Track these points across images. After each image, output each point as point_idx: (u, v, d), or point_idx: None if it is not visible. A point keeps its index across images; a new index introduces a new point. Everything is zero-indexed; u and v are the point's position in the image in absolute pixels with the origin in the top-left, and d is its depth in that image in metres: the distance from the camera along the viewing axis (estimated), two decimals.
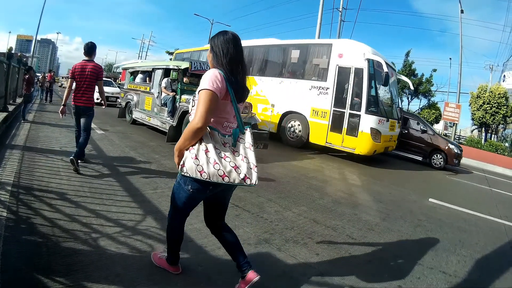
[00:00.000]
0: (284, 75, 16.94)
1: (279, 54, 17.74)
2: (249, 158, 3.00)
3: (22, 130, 10.76)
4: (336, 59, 14.40)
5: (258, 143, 10.91)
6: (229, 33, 3.09)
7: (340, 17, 32.01)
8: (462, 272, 4.87)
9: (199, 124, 2.80)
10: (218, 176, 2.85)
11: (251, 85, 16.95)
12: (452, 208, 8.70)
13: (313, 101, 15.05)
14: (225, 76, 2.94)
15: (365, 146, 13.19)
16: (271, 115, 16.95)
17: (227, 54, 3.01)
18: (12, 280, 3.20)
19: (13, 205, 4.79)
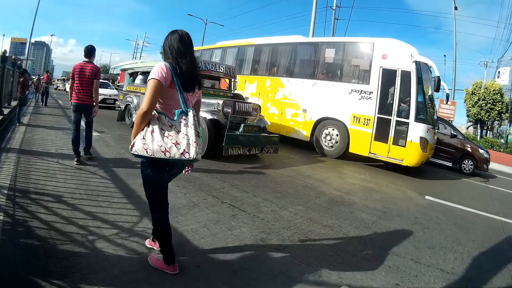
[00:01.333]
0: (317, 76, 15.24)
1: (310, 53, 16.07)
2: (189, 135, 3.31)
3: (18, 133, 10.73)
4: (379, 60, 12.88)
5: (268, 147, 10.90)
6: (177, 32, 3.52)
7: (334, 15, 32.05)
8: (460, 270, 4.89)
9: (145, 108, 3.19)
10: (160, 152, 3.23)
11: (277, 87, 16.53)
12: (448, 205, 8.74)
13: (354, 107, 13.44)
14: (171, 68, 3.35)
15: (414, 157, 11.96)
16: (302, 122, 15.38)
17: (173, 49, 3.44)
18: (10, 283, 3.20)
19: (9, 208, 4.78)
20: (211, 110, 10.27)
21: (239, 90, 17.16)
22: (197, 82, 3.61)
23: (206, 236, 4.70)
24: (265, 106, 16.42)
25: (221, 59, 20.04)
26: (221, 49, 21.04)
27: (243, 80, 18.07)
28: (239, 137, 10.07)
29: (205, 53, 22.13)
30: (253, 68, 18.54)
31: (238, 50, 19.66)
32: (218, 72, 12.72)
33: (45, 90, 24.24)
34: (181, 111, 3.38)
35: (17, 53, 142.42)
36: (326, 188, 8.63)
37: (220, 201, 6.45)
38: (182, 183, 7.13)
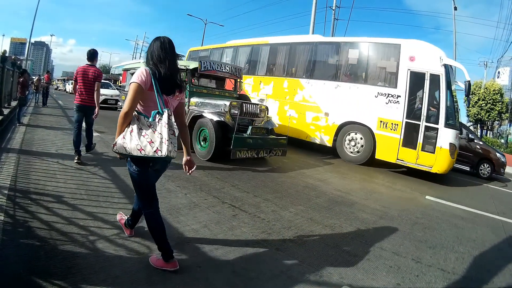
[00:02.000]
0: (340, 78, 14.44)
1: (332, 53, 15.21)
2: (162, 134, 3.47)
3: (18, 133, 10.72)
4: (406, 62, 12.32)
5: (276, 149, 10.69)
6: (159, 39, 3.76)
7: (334, 16, 32.00)
8: (461, 269, 4.89)
9: (126, 110, 3.45)
10: (136, 150, 3.44)
11: (296, 88, 15.83)
12: (448, 205, 8.72)
13: (380, 111, 12.78)
14: (151, 72, 3.57)
15: (443, 163, 11.48)
16: (324, 126, 14.54)
17: (154, 55, 3.68)
18: (10, 284, 3.20)
19: (10, 208, 4.77)
20: (217, 112, 10.00)
21: (254, 92, 17.43)
22: (177, 86, 3.79)
23: (207, 236, 4.71)
24: (282, 108, 16.16)
25: (232, 59, 19.67)
26: (232, 48, 20.36)
27: (257, 81, 17.65)
28: (247, 140, 9.81)
29: (215, 53, 21.51)
30: (269, 68, 17.78)
31: (252, 49, 18.93)
32: (224, 72, 12.24)
33: (45, 91, 24.08)
34: (156, 112, 3.54)
35: (16, 53, 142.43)
36: (327, 188, 8.63)
37: (221, 201, 6.45)
38: (182, 183, 7.16)
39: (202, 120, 10.22)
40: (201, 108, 10.47)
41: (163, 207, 5.37)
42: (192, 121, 10.50)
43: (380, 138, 12.75)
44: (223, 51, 20.77)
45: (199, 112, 10.34)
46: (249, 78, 18.02)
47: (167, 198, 6.14)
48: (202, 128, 10.26)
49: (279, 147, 10.81)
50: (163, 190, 6.54)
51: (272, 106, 15.86)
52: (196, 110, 10.55)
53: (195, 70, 11.33)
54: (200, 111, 10.37)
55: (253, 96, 17.04)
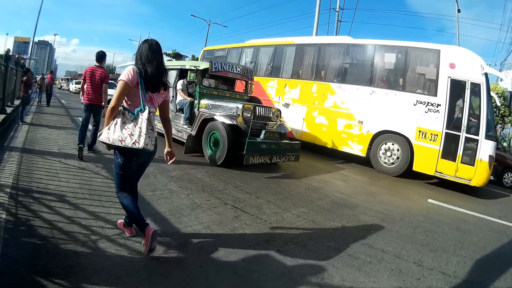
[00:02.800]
0: (375, 83, 13.39)
1: (366, 56, 13.98)
2: (142, 128, 3.84)
3: (21, 132, 10.79)
4: (446, 70, 11.61)
5: (289, 155, 10.22)
6: (148, 41, 4.16)
7: (337, 17, 31.83)
8: (462, 273, 4.88)
9: (113, 104, 3.86)
10: (118, 141, 3.86)
11: (326, 93, 14.59)
12: (450, 208, 8.71)
13: (419, 120, 11.98)
14: (138, 71, 3.93)
15: (482, 176, 10.94)
16: (357, 134, 13.48)
17: (143, 56, 4.03)
18: (12, 282, 3.20)
19: (12, 207, 4.79)
20: (229, 115, 9.63)
21: (278, 95, 16.56)
22: (162, 84, 4.18)
23: (209, 237, 4.71)
24: (310, 115, 15.10)
25: (253, 59, 18.52)
26: (253, 48, 18.92)
27: (282, 84, 16.51)
28: (261, 145, 9.30)
29: (233, 53, 20.03)
30: (295, 70, 16.47)
31: (275, 50, 17.53)
32: (235, 73, 11.95)
33: (49, 90, 23.90)
34: (139, 109, 3.93)
35: (20, 52, 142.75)
36: (329, 190, 8.64)
37: (223, 202, 6.46)
38: (185, 184, 7.18)
39: (213, 123, 9.85)
40: (212, 111, 10.19)
41: (165, 207, 5.46)
42: (202, 124, 10.22)
43: (418, 149, 11.98)
44: (242, 51, 19.40)
45: (210, 115, 9.97)
46: (272, 81, 17.04)
47: (169, 198, 6.17)
48: (213, 131, 9.90)
49: (293, 152, 10.34)
50: (166, 190, 6.59)
51: (298, 112, 15.48)
52: (206, 113, 10.17)
53: (206, 71, 11.05)
54: (211, 113, 10.02)
55: (276, 100, 16.51)
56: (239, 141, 9.42)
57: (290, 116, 15.40)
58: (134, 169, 4.38)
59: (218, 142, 9.67)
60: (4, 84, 13.24)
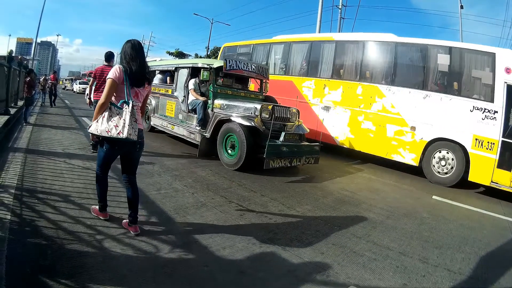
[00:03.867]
0: (429, 87, 12.15)
1: (417, 57, 12.74)
2: (125, 120, 4.21)
3: (25, 133, 10.81)
4: (502, 74, 10.68)
5: (309, 157, 9.84)
6: (130, 41, 4.57)
7: (340, 15, 31.76)
8: (467, 270, 4.88)
9: (103, 101, 4.27)
10: (105, 132, 4.23)
11: (374, 96, 13.09)
12: (455, 205, 8.73)
13: (476, 127, 11.00)
14: (123, 69, 4.36)
15: None
16: (410, 142, 12.18)
17: (127, 55, 4.45)
18: (17, 283, 3.22)
19: (17, 208, 4.81)
20: (247, 116, 9.17)
21: (316, 97, 14.90)
22: (146, 79, 4.63)
23: (214, 235, 4.72)
24: (355, 119, 13.52)
25: (284, 57, 16.88)
26: (283, 44, 17.05)
27: (320, 84, 14.84)
28: (282, 147, 8.90)
29: (259, 49, 18.27)
30: (336, 70, 14.74)
31: (311, 46, 15.78)
32: (250, 72, 11.48)
33: (53, 91, 23.85)
34: (124, 101, 4.31)
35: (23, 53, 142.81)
36: (334, 188, 8.64)
37: (228, 200, 6.47)
38: (190, 183, 7.21)
39: (230, 125, 9.43)
40: (227, 111, 9.74)
41: (170, 206, 5.49)
42: (217, 126, 9.85)
43: (474, 158, 10.99)
44: (271, 48, 17.61)
45: (226, 116, 9.57)
46: (308, 81, 15.37)
47: (174, 197, 6.20)
48: (230, 133, 9.46)
49: (312, 155, 9.96)
50: (171, 189, 6.63)
51: (341, 116, 13.98)
52: (222, 114, 9.77)
53: (220, 70, 10.62)
54: (227, 114, 9.60)
55: (314, 102, 14.94)
56: (257, 143, 9.03)
57: (331, 120, 14.29)
58: (117, 155, 4.76)
59: (235, 145, 9.27)
60: (7, 85, 13.29)
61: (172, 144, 11.72)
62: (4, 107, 12.68)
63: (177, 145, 11.74)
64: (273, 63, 17.28)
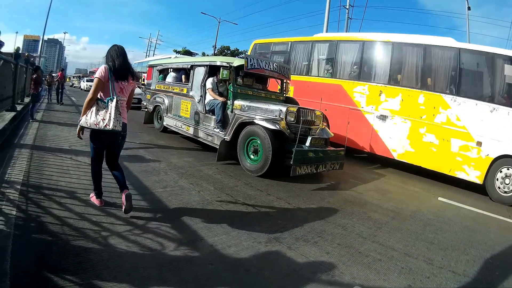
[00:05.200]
0: (496, 99, 10.86)
1: (483, 66, 11.53)
2: (111, 114, 4.73)
3: (31, 129, 10.86)
4: None
5: (334, 163, 9.20)
6: (115, 45, 5.21)
7: (347, 15, 31.72)
8: (472, 272, 4.86)
9: (90, 97, 4.82)
10: (93, 124, 4.77)
11: (437, 106, 11.64)
12: (460, 207, 8.70)
13: None
14: (109, 68, 4.91)
15: None
16: (475, 158, 10.93)
17: (112, 55, 5.05)
18: (22, 278, 3.22)
19: (22, 203, 4.84)
20: (272, 119, 8.59)
21: (370, 105, 13.13)
22: (130, 73, 5.19)
23: (220, 234, 4.72)
24: (416, 131, 12.02)
25: (329, 57, 15.02)
26: (328, 43, 15.26)
27: (376, 90, 13.09)
28: (309, 153, 8.33)
29: (298, 48, 16.35)
30: (393, 75, 13.05)
31: (363, 47, 13.86)
32: (272, 71, 10.81)
33: (61, 88, 23.69)
34: (109, 98, 4.84)
35: (30, 50, 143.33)
36: (340, 188, 8.66)
37: (234, 199, 6.48)
38: (196, 181, 7.24)
39: (252, 127, 8.84)
40: (249, 113, 9.14)
41: (176, 204, 5.49)
42: (238, 128, 9.27)
43: None
44: (313, 46, 15.62)
45: (249, 118, 8.97)
46: (360, 86, 13.53)
47: (180, 195, 6.21)
48: (252, 137, 8.88)
49: (338, 160, 9.33)
50: (177, 187, 6.64)
51: (400, 127, 12.37)
52: (244, 116, 9.20)
53: (240, 69, 10.05)
54: (250, 116, 9.00)
55: (368, 110, 13.20)
56: (283, 149, 8.51)
57: (388, 131, 12.66)
58: (104, 144, 5.19)
59: (258, 149, 8.74)
60: (14, 82, 13.31)
61: (179, 142, 11.73)
62: (11, 103, 12.70)
63: (184, 143, 11.76)
64: (316, 64, 15.61)
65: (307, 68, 15.43)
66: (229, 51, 67.88)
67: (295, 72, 15.03)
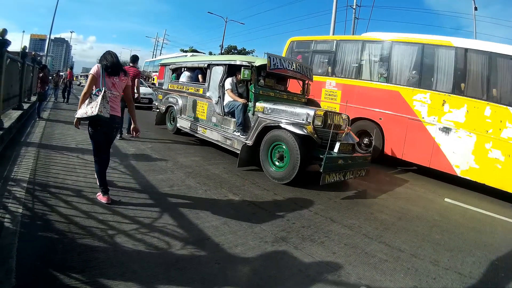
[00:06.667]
0: None
1: None
2: (98, 102, 5.13)
3: (37, 128, 10.88)
4: None
5: (360, 170, 8.71)
6: (108, 51, 5.81)
7: (354, 15, 31.57)
8: (477, 273, 4.85)
9: (84, 91, 5.31)
10: (85, 114, 5.20)
11: (504, 120, 10.34)
12: (467, 208, 8.67)
13: None
14: (101, 66, 5.44)
15: None
16: None
17: (104, 58, 5.62)
18: (28, 276, 3.23)
19: (28, 201, 4.86)
20: (298, 123, 8.02)
21: (432, 115, 11.59)
22: (121, 69, 5.75)
23: (226, 233, 4.73)
24: (482, 146, 10.78)
25: (383, 60, 13.27)
26: (381, 43, 13.41)
27: (438, 100, 11.63)
28: (339, 160, 7.82)
29: (346, 47, 14.43)
30: (457, 83, 11.55)
31: (422, 50, 12.32)
32: (294, 72, 10.18)
33: (68, 87, 23.70)
34: (98, 90, 5.31)
35: (37, 50, 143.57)
36: (347, 188, 8.65)
37: (241, 198, 6.49)
38: (203, 180, 7.25)
39: (278, 132, 8.29)
40: (273, 116, 8.59)
41: (182, 203, 5.48)
42: (261, 132, 8.69)
43: None
44: (364, 46, 13.78)
45: (275, 122, 8.36)
46: (421, 94, 12.02)
47: (187, 194, 6.23)
48: (277, 142, 8.32)
49: (364, 167, 8.84)
50: (183, 186, 6.65)
51: (465, 141, 11.09)
52: (268, 119, 8.59)
53: (262, 68, 9.43)
54: (275, 120, 8.39)
55: (430, 121, 11.70)
56: (311, 155, 8.09)
57: (451, 145, 11.30)
58: (102, 137, 5.60)
59: (284, 156, 8.21)
60: (21, 80, 13.36)
61: (186, 142, 11.73)
62: (18, 102, 12.74)
63: (191, 143, 11.75)
64: (367, 66, 13.65)
65: (357, 71, 13.66)
66: (236, 51, 67.94)
67: (342, 75, 14.00)
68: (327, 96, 13.83)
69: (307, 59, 14.72)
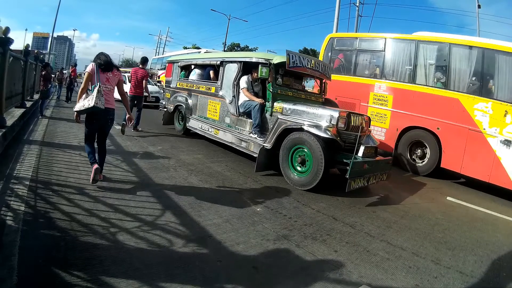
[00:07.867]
0: None
1: None
2: (93, 95, 5.67)
3: (40, 126, 10.92)
4: None
5: (382, 174, 8.22)
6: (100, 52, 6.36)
7: (358, 12, 31.48)
8: (479, 272, 4.84)
9: (81, 87, 5.92)
10: (82, 106, 5.72)
11: None
12: (469, 207, 8.65)
13: None
14: (96, 65, 6.03)
15: None
16: None
17: (98, 58, 6.15)
18: (30, 274, 3.25)
19: (31, 199, 4.88)
20: (322, 125, 7.58)
21: (493, 126, 10.18)
22: (113, 66, 6.35)
23: (229, 231, 4.73)
24: None
25: (440, 63, 11.88)
26: (437, 44, 12.02)
27: (500, 110, 10.20)
28: (364, 165, 7.41)
29: (397, 47, 12.99)
30: None
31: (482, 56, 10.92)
32: (314, 70, 9.64)
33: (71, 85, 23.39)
34: (94, 86, 5.84)
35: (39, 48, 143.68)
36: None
37: (243, 196, 6.51)
38: (205, 178, 7.27)
39: (300, 135, 7.80)
40: (294, 117, 8.15)
41: (185, 201, 5.54)
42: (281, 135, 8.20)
43: None
44: (418, 47, 12.25)
45: (297, 124, 7.90)
46: (482, 103, 10.59)
47: (189, 192, 6.24)
48: (299, 146, 7.86)
49: (386, 171, 8.43)
50: (185, 184, 6.67)
51: None
52: (289, 121, 8.13)
53: (280, 66, 9.04)
54: (298, 122, 7.94)
55: (491, 133, 10.34)
56: (335, 159, 7.65)
57: None
58: (96, 128, 6.29)
59: (306, 160, 7.77)
60: (23, 78, 13.38)
61: (189, 139, 11.74)
62: (20, 100, 12.77)
63: (193, 140, 11.73)
64: (422, 69, 12.25)
65: (410, 74, 12.32)
66: (239, 48, 67.98)
67: (393, 78, 12.75)
68: (377, 101, 12.82)
69: (350, 58, 14.03)
